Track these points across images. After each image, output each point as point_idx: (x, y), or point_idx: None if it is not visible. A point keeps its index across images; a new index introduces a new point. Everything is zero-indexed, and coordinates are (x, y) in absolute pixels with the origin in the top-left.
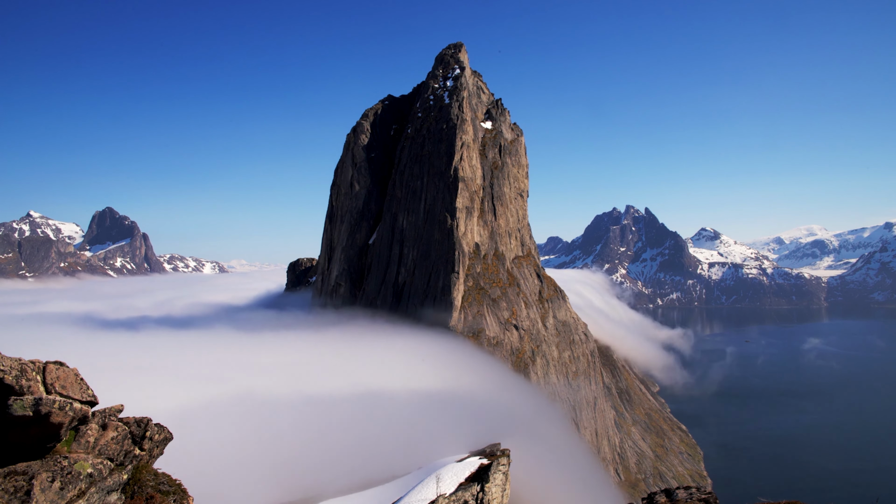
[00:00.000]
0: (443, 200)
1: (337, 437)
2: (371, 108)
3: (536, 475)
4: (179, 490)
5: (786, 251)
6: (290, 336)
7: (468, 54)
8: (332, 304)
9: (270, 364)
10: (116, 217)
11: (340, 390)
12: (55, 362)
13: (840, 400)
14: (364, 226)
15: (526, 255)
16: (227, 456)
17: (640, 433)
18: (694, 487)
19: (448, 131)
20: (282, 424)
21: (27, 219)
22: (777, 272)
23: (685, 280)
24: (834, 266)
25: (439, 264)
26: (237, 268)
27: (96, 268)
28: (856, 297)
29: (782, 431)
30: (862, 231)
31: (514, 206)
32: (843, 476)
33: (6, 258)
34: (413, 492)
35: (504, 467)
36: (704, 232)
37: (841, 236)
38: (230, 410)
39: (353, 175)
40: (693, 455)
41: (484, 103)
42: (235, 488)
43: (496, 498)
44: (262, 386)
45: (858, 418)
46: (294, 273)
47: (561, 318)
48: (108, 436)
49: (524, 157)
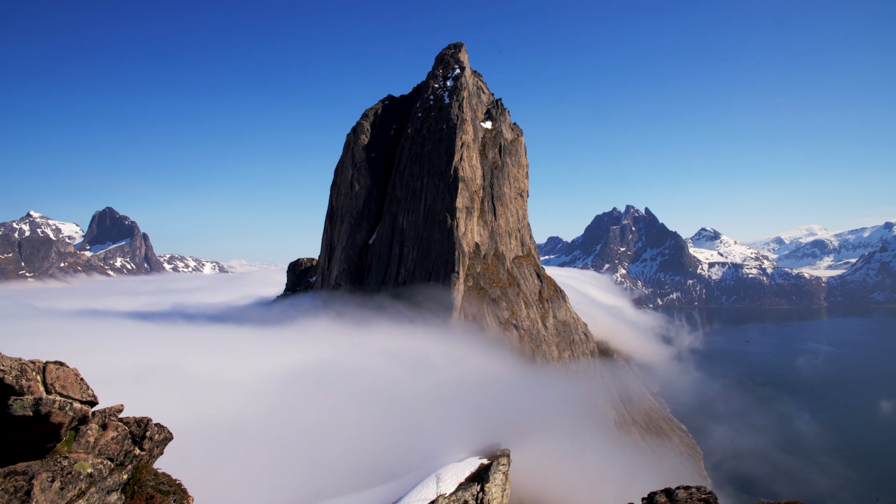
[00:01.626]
0: (443, 200)
1: (337, 436)
2: (371, 108)
3: (538, 475)
4: (179, 490)
5: (786, 251)
6: (289, 336)
7: (468, 54)
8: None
9: (270, 364)
10: (116, 217)
11: (340, 390)
12: (55, 362)
13: (840, 400)
14: (364, 226)
15: (526, 255)
16: (226, 456)
17: (640, 433)
18: (694, 487)
19: (448, 131)
20: (281, 424)
21: (27, 219)
22: (777, 272)
23: (685, 280)
24: (834, 266)
25: (439, 264)
26: (237, 268)
27: (96, 268)
28: (856, 297)
29: (782, 431)
30: (862, 231)
31: (514, 206)
32: (843, 476)
33: (6, 258)
34: (413, 492)
35: (504, 467)
36: (704, 232)
37: (841, 236)
38: (230, 411)
39: (353, 175)
40: (693, 455)
41: (484, 103)
42: (235, 488)
43: (496, 498)
44: (262, 385)
45: (859, 418)
46: (294, 273)
47: (561, 318)
48: (108, 436)
49: (524, 157)
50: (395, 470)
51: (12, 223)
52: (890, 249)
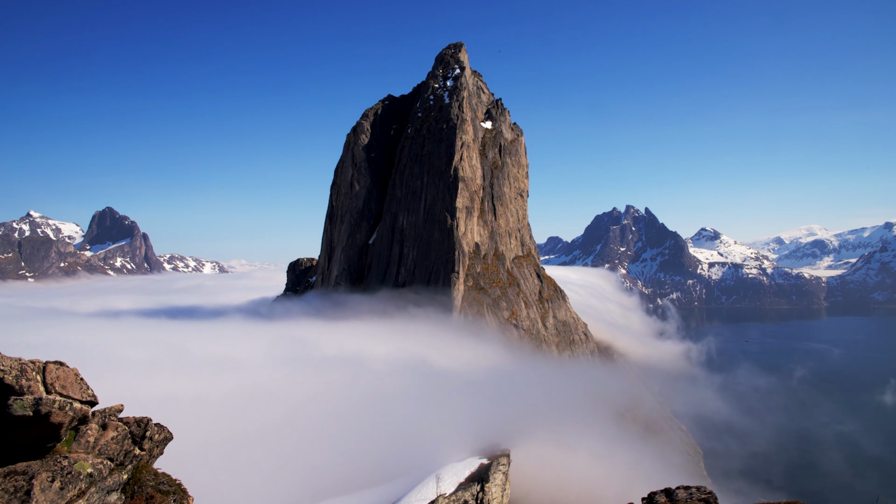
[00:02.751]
0: (443, 200)
1: (337, 436)
2: (371, 107)
3: (538, 475)
4: (179, 490)
5: (786, 251)
6: (289, 335)
7: (468, 54)
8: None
9: (269, 364)
10: (116, 217)
11: (340, 389)
12: (55, 362)
13: (841, 399)
14: (364, 226)
15: (526, 255)
16: (226, 455)
17: (640, 433)
18: (694, 487)
19: (448, 131)
20: (281, 424)
21: (27, 219)
22: (777, 272)
23: (685, 280)
24: (834, 266)
25: (439, 264)
26: (237, 268)
27: (96, 268)
28: (856, 297)
29: (782, 431)
30: (862, 231)
31: (514, 206)
32: (843, 476)
33: (6, 258)
34: (413, 492)
35: (504, 467)
36: (704, 232)
37: (841, 236)
38: (230, 410)
39: (353, 175)
40: (693, 455)
41: (484, 103)
42: (235, 488)
43: (496, 498)
44: (262, 385)
45: (859, 418)
46: (294, 273)
47: (561, 317)
48: (108, 436)
49: (524, 156)
50: (395, 470)
51: (12, 223)
52: (890, 249)
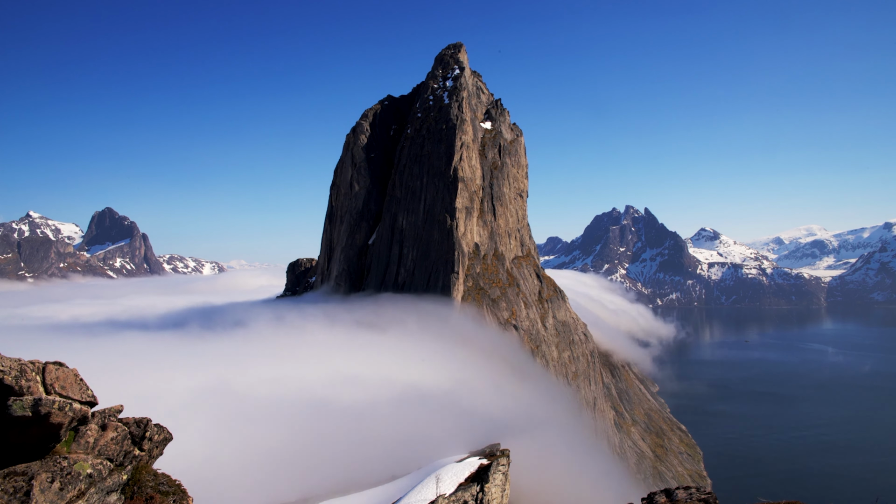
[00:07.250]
0: (442, 200)
1: (337, 436)
2: (371, 108)
3: (538, 475)
4: (179, 490)
5: (785, 251)
6: (288, 335)
7: (468, 54)
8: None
9: (269, 364)
10: (116, 217)
11: (340, 389)
12: (55, 363)
13: (840, 399)
14: (364, 226)
15: (525, 256)
16: (226, 456)
17: (640, 433)
18: (694, 487)
19: (448, 131)
20: (281, 424)
21: (26, 219)
22: (777, 272)
23: (685, 280)
24: (834, 266)
25: (439, 264)
26: (237, 268)
27: (96, 268)
28: (855, 298)
29: (782, 431)
30: (861, 231)
31: (513, 207)
32: (843, 476)
33: (5, 258)
34: (413, 492)
35: (504, 467)
36: (704, 232)
37: (840, 236)
38: (230, 411)
39: (352, 175)
40: (693, 455)
41: (483, 103)
42: (235, 488)
43: (496, 498)
44: (262, 385)
45: (858, 418)
46: (294, 273)
47: (560, 318)
48: (108, 436)
49: (524, 157)
50: (395, 470)
51: (12, 223)
52: (889, 249)
